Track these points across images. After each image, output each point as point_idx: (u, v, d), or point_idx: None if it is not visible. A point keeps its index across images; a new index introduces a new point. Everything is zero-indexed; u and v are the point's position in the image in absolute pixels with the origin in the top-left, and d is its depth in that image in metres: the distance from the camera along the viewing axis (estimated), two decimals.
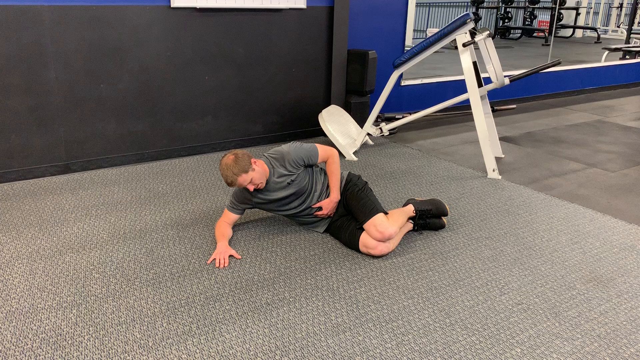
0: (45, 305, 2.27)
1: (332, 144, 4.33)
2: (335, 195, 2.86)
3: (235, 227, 3.01)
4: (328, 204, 2.85)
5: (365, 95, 4.77)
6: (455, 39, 3.94)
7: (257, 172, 2.64)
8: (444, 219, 3.05)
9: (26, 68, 3.51)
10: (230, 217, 2.85)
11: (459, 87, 4.33)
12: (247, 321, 2.19)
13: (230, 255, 2.69)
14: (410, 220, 2.95)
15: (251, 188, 2.66)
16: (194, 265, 2.61)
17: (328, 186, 2.89)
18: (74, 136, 3.78)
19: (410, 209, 2.93)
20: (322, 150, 2.85)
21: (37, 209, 3.21)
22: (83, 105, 3.76)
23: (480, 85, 4.03)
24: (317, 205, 2.85)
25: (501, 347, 2.07)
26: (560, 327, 2.20)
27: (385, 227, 2.66)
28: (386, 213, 2.80)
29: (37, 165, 3.69)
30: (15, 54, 3.46)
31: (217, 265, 2.60)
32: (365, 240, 2.69)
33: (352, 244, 2.76)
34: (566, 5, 11.92)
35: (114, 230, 2.96)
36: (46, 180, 3.67)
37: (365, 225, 2.70)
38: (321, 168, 2.98)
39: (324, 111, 4.41)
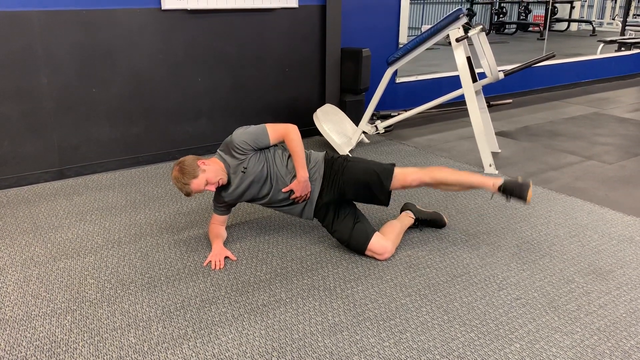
0: (39, 312, 2.25)
1: (327, 143, 4.31)
2: (301, 174, 2.61)
3: (230, 228, 2.99)
4: (297, 186, 2.62)
5: (360, 94, 4.75)
6: (448, 35, 3.93)
7: (209, 170, 2.53)
8: (445, 218, 3.03)
9: (17, 74, 3.49)
10: (218, 218, 2.81)
11: (454, 82, 4.31)
12: (244, 323, 2.17)
13: (226, 257, 2.66)
14: (411, 215, 2.93)
15: (212, 188, 2.56)
16: (189, 268, 2.59)
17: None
18: (68, 141, 3.76)
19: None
20: (273, 129, 2.62)
21: (32, 215, 3.19)
22: (76, 110, 3.74)
23: (474, 80, 4.01)
24: (287, 189, 2.64)
25: (500, 342, 2.05)
26: (559, 321, 2.18)
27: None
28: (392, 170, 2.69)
29: (30, 171, 3.67)
30: (5, 60, 3.43)
31: (212, 267, 2.58)
32: (374, 246, 2.63)
33: (355, 245, 2.67)
34: None
35: (109, 235, 2.94)
36: (40, 186, 3.64)
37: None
38: (284, 148, 2.74)
39: (318, 110, 4.39)
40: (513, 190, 2.62)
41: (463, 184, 2.73)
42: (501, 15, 12.70)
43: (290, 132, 2.63)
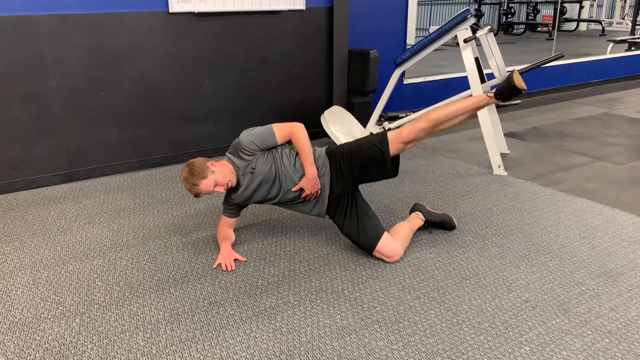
0: (48, 315, 2.25)
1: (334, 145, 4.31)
2: (309, 171, 2.61)
3: (238, 230, 2.99)
4: (306, 184, 2.62)
5: (368, 95, 4.74)
6: (456, 35, 3.91)
7: (219, 172, 2.54)
8: (455, 220, 3.01)
9: (26, 78, 3.51)
10: (226, 221, 2.81)
11: (462, 83, 4.29)
12: (252, 326, 2.17)
13: (235, 259, 2.66)
14: (421, 216, 2.92)
15: (221, 190, 2.56)
16: (197, 270, 2.59)
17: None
18: (76, 145, 3.78)
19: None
20: (279, 128, 2.62)
21: (41, 218, 3.20)
22: (84, 113, 3.76)
23: (483, 81, 3.99)
24: (296, 188, 2.65)
25: (510, 345, 2.03)
26: (569, 324, 2.15)
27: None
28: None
29: (40, 174, 3.69)
30: (14, 64, 3.46)
31: (223, 269, 2.58)
32: (383, 249, 2.62)
33: (365, 243, 2.65)
34: None
35: (117, 237, 2.95)
36: (49, 189, 3.66)
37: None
38: (291, 147, 2.73)
39: (326, 112, 4.38)
40: (506, 91, 2.61)
41: (459, 113, 2.65)
42: (509, 16, 12.64)
43: (296, 130, 2.63)
